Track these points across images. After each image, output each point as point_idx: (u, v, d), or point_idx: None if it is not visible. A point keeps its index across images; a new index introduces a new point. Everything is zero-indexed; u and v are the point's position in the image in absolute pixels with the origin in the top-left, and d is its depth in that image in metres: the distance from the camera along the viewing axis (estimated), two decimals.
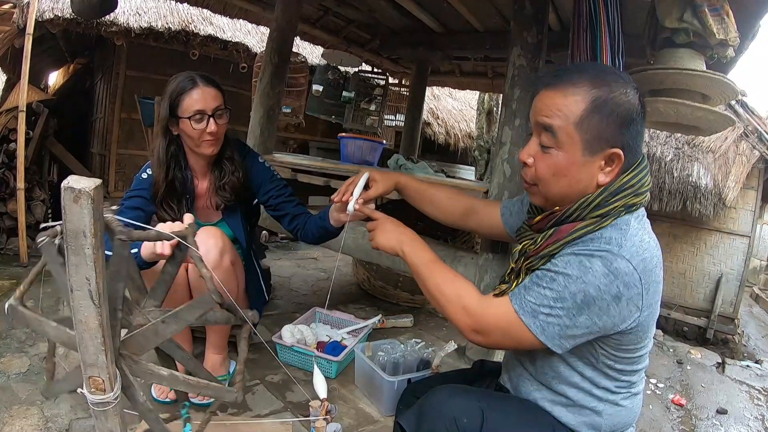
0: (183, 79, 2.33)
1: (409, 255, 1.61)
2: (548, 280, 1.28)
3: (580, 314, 1.24)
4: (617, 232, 1.28)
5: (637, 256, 1.24)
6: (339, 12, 4.80)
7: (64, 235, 1.13)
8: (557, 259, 1.30)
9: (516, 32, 2.61)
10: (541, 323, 1.27)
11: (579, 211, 1.34)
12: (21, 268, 4.26)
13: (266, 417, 2.39)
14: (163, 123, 2.37)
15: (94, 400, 1.30)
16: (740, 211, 7.35)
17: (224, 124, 2.40)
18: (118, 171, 6.66)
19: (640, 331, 1.30)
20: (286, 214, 2.59)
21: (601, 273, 1.22)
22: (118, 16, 5.68)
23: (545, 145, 1.37)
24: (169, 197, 2.42)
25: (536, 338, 1.28)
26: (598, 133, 1.30)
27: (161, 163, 2.40)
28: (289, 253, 6.08)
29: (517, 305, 1.31)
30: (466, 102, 10.53)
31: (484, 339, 1.39)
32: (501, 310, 1.35)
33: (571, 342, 1.28)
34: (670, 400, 3.68)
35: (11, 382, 2.45)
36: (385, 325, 3.70)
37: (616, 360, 1.35)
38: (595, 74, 1.35)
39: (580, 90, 1.31)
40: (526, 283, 1.33)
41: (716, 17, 2.35)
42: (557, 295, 1.25)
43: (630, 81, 1.36)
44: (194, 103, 2.29)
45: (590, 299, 1.22)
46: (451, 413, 1.32)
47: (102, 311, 1.20)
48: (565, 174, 1.36)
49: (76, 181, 1.09)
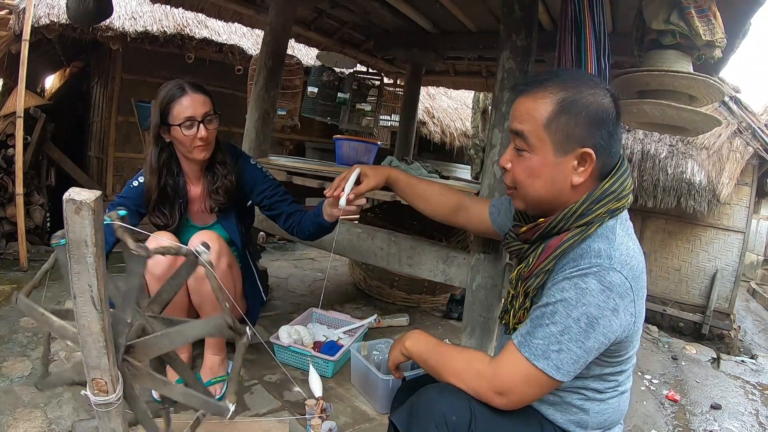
0: (172, 87, 2.39)
1: (412, 347, 1.60)
2: (549, 315, 1.30)
3: (588, 339, 1.26)
4: (605, 243, 1.32)
5: (626, 266, 1.28)
6: (333, 14, 4.81)
7: (67, 245, 1.18)
8: (552, 290, 1.33)
9: (505, 35, 2.63)
10: (554, 362, 1.28)
11: (563, 221, 1.38)
12: (21, 272, 4.29)
13: (264, 416, 2.42)
14: (154, 131, 2.43)
15: (97, 401, 1.34)
16: (735, 207, 7.37)
17: (214, 129, 2.46)
18: (116, 174, 6.67)
19: (630, 337, 1.34)
20: (281, 213, 2.64)
21: (598, 290, 1.25)
22: (113, 20, 5.67)
23: (520, 148, 1.42)
24: (162, 203, 2.48)
25: (554, 379, 1.29)
26: (567, 133, 1.35)
27: (153, 170, 2.46)
28: (286, 254, 6.11)
29: (527, 353, 1.31)
30: (461, 101, 10.52)
31: (508, 400, 1.35)
32: (513, 364, 1.34)
33: (584, 366, 1.32)
34: (664, 396, 3.71)
35: (14, 386, 2.48)
36: (382, 324, 3.74)
37: (604, 366, 1.39)
38: (565, 78, 1.40)
39: (549, 93, 1.37)
40: (528, 329, 1.34)
41: (703, 19, 2.38)
42: (562, 328, 1.27)
43: (603, 85, 1.40)
44: (184, 110, 2.34)
45: (593, 320, 1.25)
46: (441, 411, 1.35)
47: (104, 316, 1.24)
48: (538, 175, 1.40)
49: (77, 193, 1.13)
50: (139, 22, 5.99)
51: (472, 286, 2.68)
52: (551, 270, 1.39)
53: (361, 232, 3.15)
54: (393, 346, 1.71)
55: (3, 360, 2.73)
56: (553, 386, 1.33)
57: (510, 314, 1.57)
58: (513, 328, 1.55)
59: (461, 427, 1.33)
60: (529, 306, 1.48)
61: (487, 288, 2.66)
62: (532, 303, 1.47)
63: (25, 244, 4.47)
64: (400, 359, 1.66)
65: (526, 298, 1.49)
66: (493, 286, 2.66)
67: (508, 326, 1.60)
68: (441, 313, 4.36)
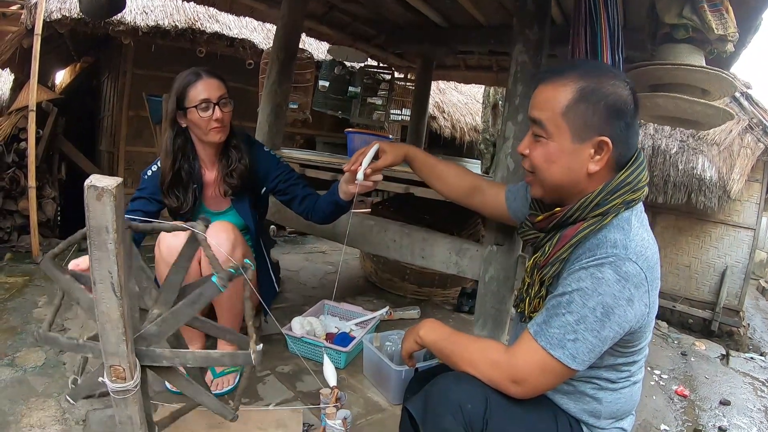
0: (188, 74, 2.46)
1: (427, 336, 1.61)
2: (565, 304, 1.31)
3: (604, 328, 1.27)
4: (620, 233, 1.32)
5: (641, 257, 1.28)
6: (344, 8, 4.81)
7: (87, 231, 1.19)
8: (568, 280, 1.34)
9: (518, 29, 2.63)
10: (570, 351, 1.29)
11: (579, 211, 1.39)
12: (34, 264, 4.32)
13: (277, 406, 2.44)
14: (171, 116, 2.48)
15: (114, 388, 1.36)
16: (745, 204, 7.35)
17: (229, 112, 2.50)
18: (127, 168, 6.70)
19: (643, 327, 1.35)
20: (295, 196, 2.67)
21: (614, 280, 1.25)
22: (125, 15, 5.69)
23: (538, 135, 1.43)
24: (176, 186, 2.51)
25: (570, 368, 1.30)
26: (585, 121, 1.35)
27: (168, 153, 2.51)
28: (297, 247, 6.13)
29: (543, 342, 1.32)
30: (471, 95, 10.51)
31: (523, 389, 1.35)
32: (529, 353, 1.34)
33: (599, 355, 1.32)
34: (673, 391, 3.71)
35: (28, 376, 2.51)
36: (393, 316, 3.74)
37: (617, 356, 1.40)
38: (586, 68, 1.41)
39: (569, 81, 1.37)
40: (544, 318, 1.35)
41: (715, 13, 2.38)
42: (578, 317, 1.28)
43: (623, 77, 1.40)
44: (199, 93, 2.40)
45: (609, 310, 1.26)
46: (457, 399, 1.36)
47: (123, 303, 1.25)
48: (555, 161, 1.41)
49: (98, 179, 1.14)
50: (151, 17, 6.01)
51: (485, 278, 2.68)
52: (567, 259, 1.40)
53: (373, 225, 3.16)
54: (406, 335, 1.71)
55: (16, 350, 2.76)
56: (568, 375, 1.34)
57: (525, 302, 1.58)
58: (528, 317, 1.55)
59: (476, 416, 1.34)
60: (545, 294, 1.48)
61: (500, 280, 2.66)
62: (547, 292, 1.48)
63: (37, 236, 4.51)
64: (414, 348, 1.66)
65: (542, 287, 1.49)
66: (505, 278, 2.66)
67: (523, 314, 1.61)
68: (452, 306, 4.36)
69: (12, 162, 5.06)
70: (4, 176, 4.97)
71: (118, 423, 1.42)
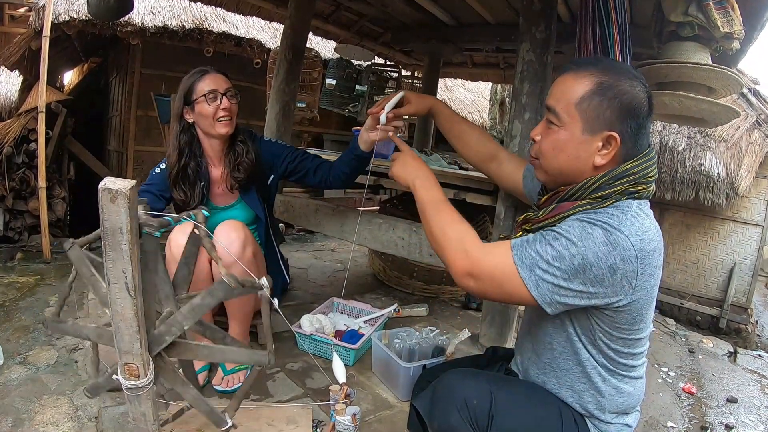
0: (195, 72, 2.54)
1: (420, 190, 1.66)
2: (551, 238, 1.33)
3: (575, 277, 1.29)
4: (618, 211, 1.35)
5: (635, 235, 1.29)
6: (351, 7, 4.83)
7: (101, 232, 1.21)
8: (563, 222, 1.37)
9: (525, 28, 2.65)
10: (536, 278, 1.32)
11: (581, 191, 1.42)
12: (44, 264, 4.36)
13: (287, 403, 2.46)
14: (178, 112, 2.54)
15: (128, 386, 1.38)
16: (753, 201, 7.29)
17: (236, 104, 2.56)
18: (136, 167, 6.73)
19: (634, 313, 1.35)
20: (307, 171, 2.75)
21: (601, 241, 1.27)
22: (133, 16, 5.72)
23: (551, 122, 1.46)
24: (183, 181, 2.55)
25: (529, 293, 1.33)
26: (597, 114, 1.38)
27: (174, 148, 2.56)
28: (305, 245, 6.15)
29: (516, 257, 1.35)
30: (478, 93, 10.50)
31: (475, 284, 1.42)
32: (500, 259, 1.38)
33: (560, 305, 1.34)
34: (680, 388, 3.70)
35: (40, 374, 2.54)
36: (401, 314, 3.76)
37: (612, 339, 1.40)
38: (607, 65, 1.43)
39: (590, 74, 1.40)
40: (529, 238, 1.38)
41: (721, 11, 2.39)
42: (557, 253, 1.30)
43: (642, 80, 1.42)
44: (207, 86, 2.47)
45: (587, 264, 1.27)
46: (463, 395, 1.38)
47: (137, 302, 1.28)
48: (563, 149, 1.44)
49: (112, 182, 1.17)
50: (158, 17, 6.04)
51: None
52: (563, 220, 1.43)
53: (382, 223, 3.17)
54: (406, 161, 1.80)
55: (29, 349, 2.79)
56: (520, 300, 1.37)
57: None
58: None
59: (482, 411, 1.36)
60: None
61: None
62: None
63: (48, 236, 4.55)
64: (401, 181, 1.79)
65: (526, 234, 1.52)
66: None
67: None
68: (460, 303, 4.36)
69: (22, 163, 5.10)
70: (14, 177, 5.01)
71: (131, 419, 1.45)
